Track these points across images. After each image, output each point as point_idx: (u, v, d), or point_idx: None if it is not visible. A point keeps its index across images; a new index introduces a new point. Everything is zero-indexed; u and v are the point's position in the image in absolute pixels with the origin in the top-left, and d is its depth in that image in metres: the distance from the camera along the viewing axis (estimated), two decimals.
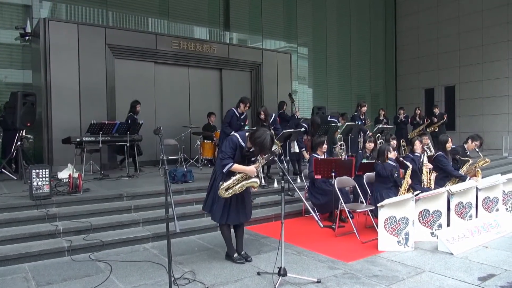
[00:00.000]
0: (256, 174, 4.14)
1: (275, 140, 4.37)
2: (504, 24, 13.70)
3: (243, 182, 4.08)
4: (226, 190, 4.04)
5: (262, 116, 7.02)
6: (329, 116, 9.05)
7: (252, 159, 4.17)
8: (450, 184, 6.13)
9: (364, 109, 9.62)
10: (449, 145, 6.44)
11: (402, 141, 9.60)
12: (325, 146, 6.24)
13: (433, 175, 6.15)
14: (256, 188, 4.26)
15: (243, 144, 4.11)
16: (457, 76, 15.01)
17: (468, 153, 6.82)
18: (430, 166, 6.19)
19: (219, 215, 4.21)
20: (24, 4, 9.16)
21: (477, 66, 14.43)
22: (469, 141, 6.91)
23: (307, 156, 7.40)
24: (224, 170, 4.03)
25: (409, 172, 5.55)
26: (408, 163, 5.63)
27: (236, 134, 4.20)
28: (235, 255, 4.37)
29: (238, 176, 4.07)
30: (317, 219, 3.45)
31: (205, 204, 4.42)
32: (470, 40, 14.58)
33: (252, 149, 4.09)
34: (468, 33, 14.62)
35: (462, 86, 14.92)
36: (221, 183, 4.07)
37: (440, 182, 6.21)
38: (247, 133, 4.19)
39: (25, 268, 4.17)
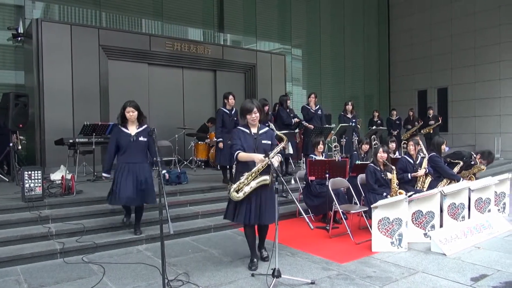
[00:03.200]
0: (267, 172, 3.96)
1: (280, 134, 4.31)
2: (496, 26, 13.83)
3: (252, 183, 3.92)
4: (237, 191, 3.91)
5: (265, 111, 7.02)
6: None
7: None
8: (443, 184, 6.16)
9: (348, 107, 9.25)
10: (443, 147, 6.46)
11: (403, 144, 9.56)
12: (321, 146, 6.26)
13: (428, 179, 6.09)
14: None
15: (244, 128, 4.16)
16: (450, 78, 15.12)
17: (472, 162, 6.71)
18: (424, 171, 6.09)
19: (229, 212, 4.10)
20: (16, 4, 9.08)
21: (469, 68, 14.55)
22: (478, 156, 6.73)
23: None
24: (234, 157, 4.05)
25: (394, 175, 5.57)
26: (391, 166, 5.65)
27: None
28: (250, 259, 4.25)
29: (246, 175, 3.92)
30: (307, 220, 3.44)
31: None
32: (462, 42, 14.69)
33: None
34: (461, 35, 14.74)
35: (455, 88, 15.04)
36: (230, 185, 4.01)
37: (432, 183, 6.23)
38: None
39: (17, 270, 4.13)
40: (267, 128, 4.25)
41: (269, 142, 4.13)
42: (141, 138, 4.73)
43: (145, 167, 4.74)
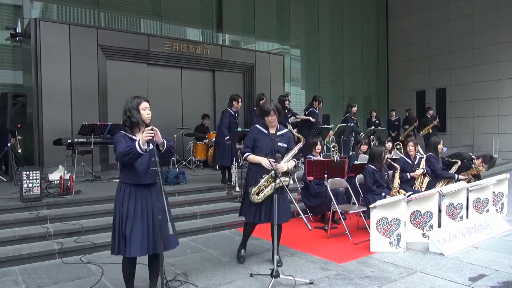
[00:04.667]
0: (285, 173, 4.01)
1: (298, 135, 4.41)
2: (494, 27, 13.86)
3: (273, 184, 3.93)
4: (257, 194, 3.98)
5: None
6: None
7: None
8: (441, 185, 6.17)
9: (354, 109, 9.48)
10: (440, 147, 6.47)
11: (397, 144, 9.61)
12: (319, 146, 6.27)
13: (426, 179, 6.10)
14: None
15: (262, 128, 4.21)
16: (448, 78, 15.15)
17: (472, 164, 6.72)
18: (422, 171, 6.13)
19: (244, 209, 4.21)
20: (14, 4, 9.07)
21: (467, 69, 14.58)
22: (479, 160, 6.73)
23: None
24: (243, 158, 4.13)
25: (397, 174, 5.59)
26: (396, 164, 5.67)
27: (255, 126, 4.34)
28: (238, 251, 4.44)
29: (266, 177, 3.96)
30: (306, 221, 3.44)
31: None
32: (460, 43, 14.72)
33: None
34: (459, 36, 14.77)
35: (453, 88, 15.06)
36: (250, 187, 4.03)
37: (430, 183, 6.24)
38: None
39: (15, 271, 4.12)
40: (285, 130, 4.30)
41: (285, 145, 4.14)
42: (152, 146, 3.16)
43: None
